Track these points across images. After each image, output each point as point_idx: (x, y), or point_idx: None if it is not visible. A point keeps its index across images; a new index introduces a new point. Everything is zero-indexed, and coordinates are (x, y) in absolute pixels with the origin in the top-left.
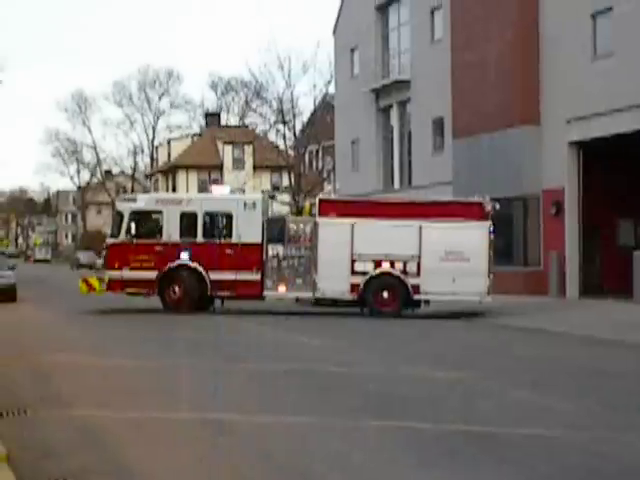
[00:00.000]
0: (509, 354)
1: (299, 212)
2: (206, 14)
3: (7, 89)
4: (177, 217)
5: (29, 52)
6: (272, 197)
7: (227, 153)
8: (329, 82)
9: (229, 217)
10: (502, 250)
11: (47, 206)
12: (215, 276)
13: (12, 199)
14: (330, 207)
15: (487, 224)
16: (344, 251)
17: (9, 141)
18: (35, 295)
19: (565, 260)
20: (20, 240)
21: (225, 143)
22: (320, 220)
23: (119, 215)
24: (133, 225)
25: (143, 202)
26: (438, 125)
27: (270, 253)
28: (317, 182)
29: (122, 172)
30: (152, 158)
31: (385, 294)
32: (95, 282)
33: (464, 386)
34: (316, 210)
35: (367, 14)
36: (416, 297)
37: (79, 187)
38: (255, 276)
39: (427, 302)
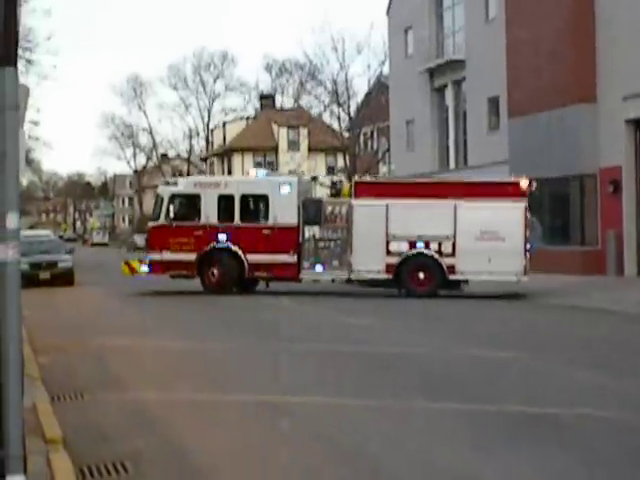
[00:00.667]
0: (564, 333)
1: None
2: None
3: (63, 74)
4: (215, 200)
5: (84, 37)
6: (314, 179)
7: (282, 135)
8: (383, 62)
9: (265, 199)
10: (559, 230)
11: (104, 190)
12: (252, 258)
13: (70, 183)
14: (366, 189)
15: (523, 203)
16: (379, 232)
17: (66, 126)
18: (92, 278)
19: (623, 239)
20: (78, 224)
21: (280, 125)
22: (355, 202)
23: (159, 199)
24: (172, 208)
25: (182, 186)
26: (493, 104)
27: (307, 235)
28: (372, 163)
29: (178, 155)
30: (207, 141)
31: (421, 274)
32: (136, 264)
33: (521, 366)
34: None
35: None
36: (451, 277)
37: (135, 171)
38: (291, 258)
39: (466, 282)
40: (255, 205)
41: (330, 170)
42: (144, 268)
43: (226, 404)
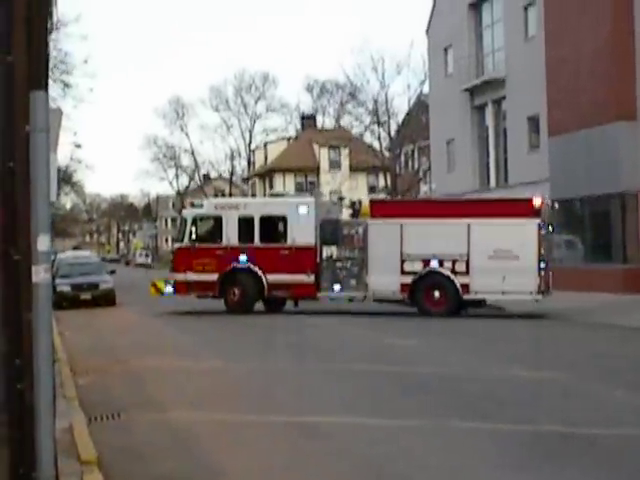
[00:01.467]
0: (598, 352)
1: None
2: (300, 16)
3: (104, 97)
4: (235, 221)
5: (125, 60)
6: (341, 199)
7: (323, 155)
8: (423, 82)
9: (284, 220)
10: (601, 248)
11: (147, 211)
12: (272, 278)
13: (113, 205)
14: (381, 208)
15: (536, 221)
16: (394, 251)
17: (109, 149)
18: (133, 299)
19: None
20: (121, 245)
21: (321, 145)
22: (371, 221)
23: (183, 220)
24: (195, 230)
25: (205, 208)
26: (534, 122)
27: (324, 255)
28: (413, 183)
29: (220, 176)
30: (249, 162)
31: (436, 293)
32: (161, 285)
33: (558, 386)
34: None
35: (460, 12)
36: (465, 296)
37: (178, 192)
38: (309, 278)
39: (483, 302)
40: (274, 226)
41: (371, 190)
42: (168, 289)
43: (264, 425)
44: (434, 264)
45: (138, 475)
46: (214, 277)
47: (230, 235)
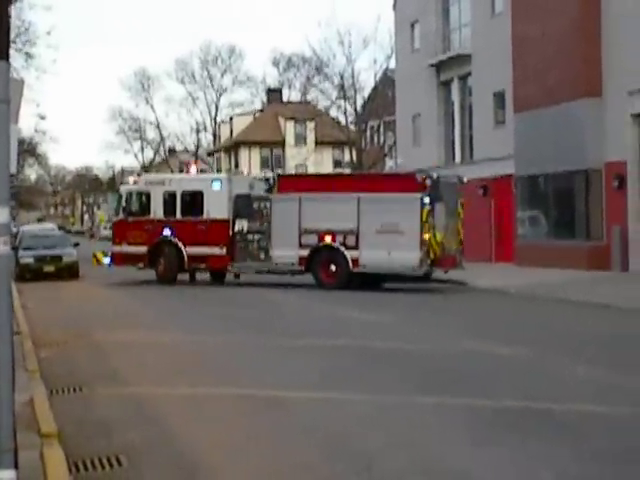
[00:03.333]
0: (559, 329)
1: None
2: None
3: (68, 68)
4: (161, 196)
5: (91, 31)
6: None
7: (289, 129)
8: (390, 57)
9: (200, 196)
10: (565, 224)
11: (112, 184)
12: (191, 250)
13: (78, 177)
14: (287, 183)
15: (418, 196)
16: (293, 225)
17: (74, 121)
18: (96, 271)
19: (627, 234)
20: (86, 218)
21: (287, 119)
22: (275, 196)
23: (119, 196)
24: (129, 204)
25: (139, 184)
26: (499, 99)
27: (237, 228)
28: (379, 157)
29: (185, 149)
30: (215, 135)
31: (332, 267)
32: (101, 256)
33: (518, 361)
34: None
35: None
36: (355, 270)
37: (143, 165)
38: (221, 250)
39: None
40: (193, 201)
41: (337, 164)
42: (107, 260)
43: (223, 398)
44: (328, 238)
45: (99, 448)
46: (144, 249)
47: (157, 209)
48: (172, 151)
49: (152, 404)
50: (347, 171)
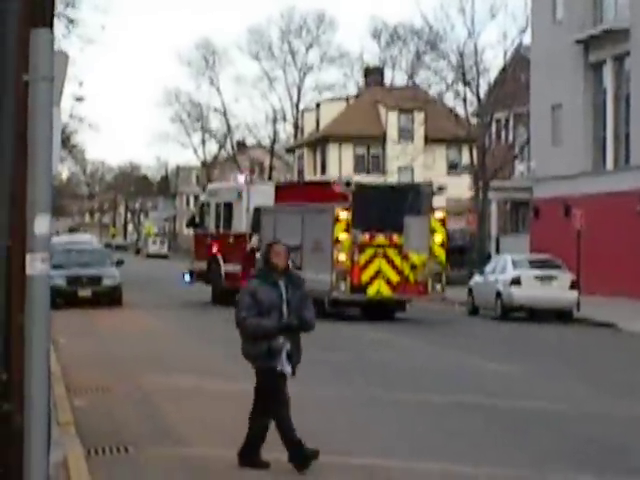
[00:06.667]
0: None
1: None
2: None
3: (114, 38)
4: (214, 208)
5: None
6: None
7: (392, 121)
8: (524, 30)
9: (230, 208)
10: None
11: (164, 186)
12: (226, 268)
13: (121, 177)
14: (282, 193)
15: (330, 207)
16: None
17: (118, 104)
18: (144, 298)
19: None
20: (130, 228)
21: (389, 108)
22: (262, 207)
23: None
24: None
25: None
26: None
27: (253, 244)
28: (507, 159)
29: (258, 144)
30: (296, 126)
31: None
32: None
33: None
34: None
35: None
36: None
37: (204, 163)
38: (238, 267)
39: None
40: (227, 214)
41: (452, 167)
42: (186, 277)
43: (313, 467)
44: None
45: None
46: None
47: (210, 222)
48: (242, 145)
49: (217, 470)
50: (464, 177)
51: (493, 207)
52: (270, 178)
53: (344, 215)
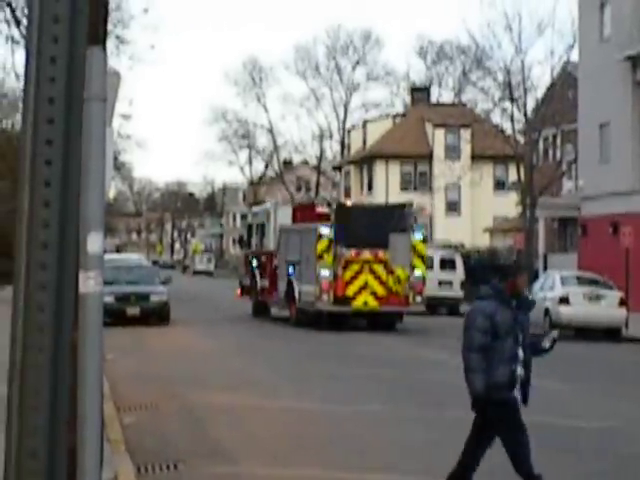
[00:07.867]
0: None
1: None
2: None
3: (162, 56)
4: (254, 227)
5: (191, 11)
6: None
7: (438, 139)
8: (571, 47)
9: (262, 227)
10: None
11: (211, 204)
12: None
13: (168, 195)
14: (299, 213)
15: (315, 226)
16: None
17: (165, 123)
18: (191, 315)
19: None
20: (177, 246)
21: (436, 126)
22: (282, 226)
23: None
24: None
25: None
26: None
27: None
28: (554, 177)
29: (305, 162)
30: (343, 145)
31: (291, 301)
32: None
33: None
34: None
35: None
36: (299, 305)
37: (251, 181)
38: (267, 282)
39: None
40: (260, 233)
41: (499, 185)
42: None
43: None
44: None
45: None
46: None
47: (250, 241)
48: (288, 163)
49: None
50: (511, 194)
51: (541, 225)
52: (317, 196)
53: (325, 232)
